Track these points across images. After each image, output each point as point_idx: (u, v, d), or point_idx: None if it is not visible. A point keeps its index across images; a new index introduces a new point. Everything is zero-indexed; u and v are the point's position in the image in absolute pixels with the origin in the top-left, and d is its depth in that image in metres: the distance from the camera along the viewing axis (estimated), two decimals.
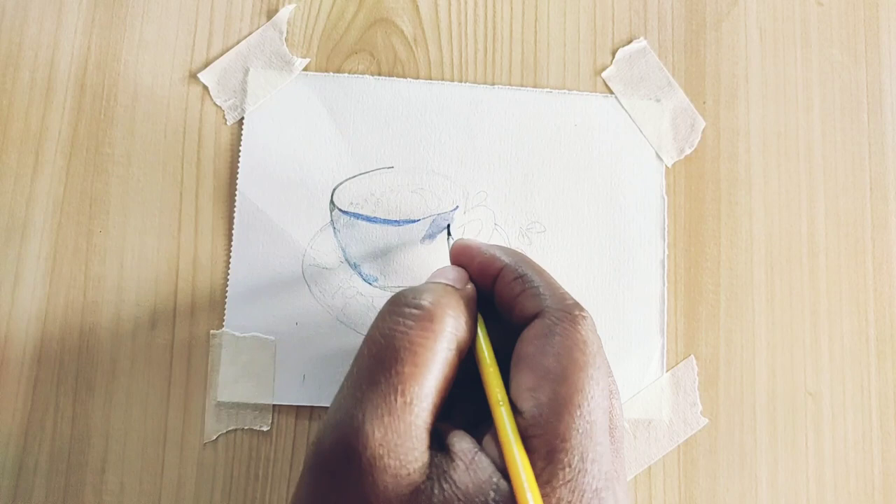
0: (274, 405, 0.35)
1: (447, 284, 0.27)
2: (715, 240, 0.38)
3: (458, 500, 0.22)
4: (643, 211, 0.38)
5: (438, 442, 0.24)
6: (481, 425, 0.25)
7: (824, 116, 0.40)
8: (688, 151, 0.39)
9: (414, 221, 0.36)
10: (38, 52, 0.37)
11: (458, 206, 0.37)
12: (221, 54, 0.37)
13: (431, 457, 0.23)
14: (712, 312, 0.38)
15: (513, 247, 0.37)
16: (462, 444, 0.23)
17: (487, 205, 0.37)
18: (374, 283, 0.36)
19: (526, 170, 0.38)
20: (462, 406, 0.27)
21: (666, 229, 0.38)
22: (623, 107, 0.39)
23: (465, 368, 0.26)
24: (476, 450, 0.23)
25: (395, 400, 0.23)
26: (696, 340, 0.37)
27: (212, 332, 0.35)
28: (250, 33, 0.38)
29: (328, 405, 0.35)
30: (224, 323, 0.35)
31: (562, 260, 0.37)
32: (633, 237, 0.38)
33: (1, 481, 0.33)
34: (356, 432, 0.22)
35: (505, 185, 0.38)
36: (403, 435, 0.22)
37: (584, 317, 0.25)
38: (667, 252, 0.38)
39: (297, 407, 0.35)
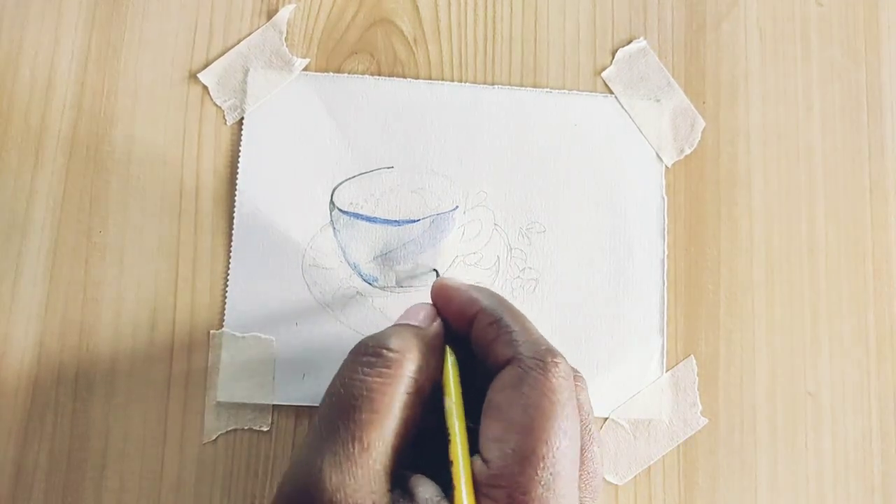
0: (274, 405, 0.35)
1: (410, 325, 0.28)
2: (715, 240, 0.38)
3: None
4: (643, 211, 0.38)
5: (401, 487, 0.24)
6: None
7: (824, 116, 0.40)
8: (688, 151, 0.39)
9: (414, 221, 0.36)
10: (39, 50, 0.37)
11: (457, 206, 0.37)
12: (221, 54, 0.37)
13: (393, 502, 0.23)
14: (712, 312, 0.37)
15: (512, 247, 0.37)
16: (425, 491, 0.24)
17: (487, 205, 0.37)
18: (374, 283, 0.36)
19: (526, 170, 0.38)
20: (432, 449, 0.27)
21: (666, 229, 0.38)
22: (623, 107, 0.39)
23: (440, 413, 0.26)
24: (439, 497, 0.24)
25: (353, 446, 0.23)
26: (696, 340, 0.37)
27: (212, 332, 0.35)
28: (250, 33, 0.38)
29: None
30: (224, 323, 0.35)
31: (561, 260, 0.37)
32: (633, 237, 0.38)
33: (0, 479, 0.33)
34: (314, 478, 0.23)
35: (505, 185, 0.38)
36: (361, 479, 0.23)
37: (556, 363, 0.25)
38: (667, 252, 0.38)
39: (297, 407, 0.35)
